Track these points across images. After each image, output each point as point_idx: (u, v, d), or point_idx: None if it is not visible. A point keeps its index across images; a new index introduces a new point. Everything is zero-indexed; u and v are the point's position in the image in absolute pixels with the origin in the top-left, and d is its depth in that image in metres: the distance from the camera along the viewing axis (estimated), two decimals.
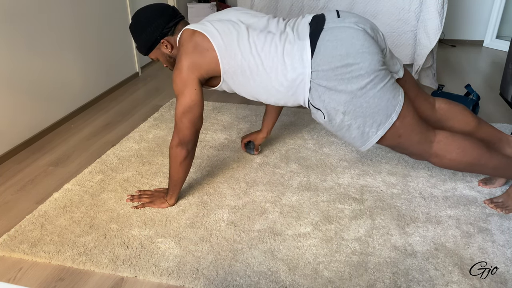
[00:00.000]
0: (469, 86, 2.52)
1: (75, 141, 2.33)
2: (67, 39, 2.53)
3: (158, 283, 1.36)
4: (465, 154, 1.48)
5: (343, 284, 1.32)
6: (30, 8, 2.22)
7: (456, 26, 4.05)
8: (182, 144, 1.56)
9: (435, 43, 2.50)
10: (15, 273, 1.42)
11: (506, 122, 2.38)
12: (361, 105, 1.39)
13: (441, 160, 1.50)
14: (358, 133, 1.46)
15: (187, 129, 1.54)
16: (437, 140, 1.48)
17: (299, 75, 1.42)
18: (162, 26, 1.57)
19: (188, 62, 1.49)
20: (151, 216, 1.65)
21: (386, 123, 1.42)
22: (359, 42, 1.36)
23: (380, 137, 1.45)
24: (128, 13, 3.17)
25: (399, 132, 1.45)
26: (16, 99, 2.17)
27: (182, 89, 1.51)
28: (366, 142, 1.47)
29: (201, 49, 1.48)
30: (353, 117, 1.41)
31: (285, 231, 1.55)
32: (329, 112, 1.43)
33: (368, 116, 1.41)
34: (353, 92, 1.37)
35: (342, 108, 1.40)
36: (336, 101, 1.40)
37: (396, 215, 1.62)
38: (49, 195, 1.83)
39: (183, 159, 1.59)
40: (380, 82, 1.38)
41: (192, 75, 1.50)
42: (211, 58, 1.48)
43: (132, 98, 2.92)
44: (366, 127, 1.43)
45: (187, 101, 1.51)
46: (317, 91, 1.42)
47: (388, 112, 1.40)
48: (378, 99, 1.38)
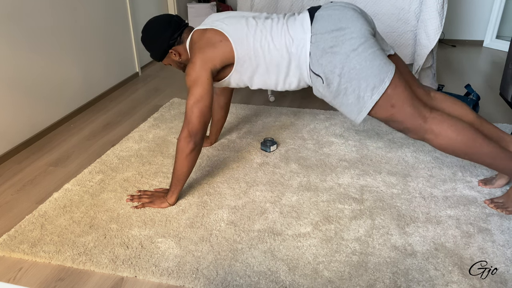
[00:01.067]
0: (469, 86, 2.52)
1: (75, 141, 2.33)
2: (67, 39, 2.53)
3: (158, 283, 1.36)
4: (460, 133, 1.51)
5: (343, 284, 1.32)
6: (30, 8, 2.22)
7: (456, 26, 4.05)
8: (191, 135, 1.60)
9: (435, 43, 2.50)
10: (15, 273, 1.42)
11: (506, 122, 2.38)
12: (355, 66, 1.49)
13: (436, 137, 1.52)
14: (354, 98, 1.53)
15: (197, 119, 1.59)
16: (432, 116, 1.53)
17: (301, 41, 1.58)
18: (168, 38, 1.72)
19: (201, 56, 1.61)
20: (151, 216, 1.65)
21: (380, 87, 1.49)
22: (350, 12, 1.54)
23: (375, 101, 1.50)
24: (128, 13, 3.17)
25: (392, 101, 1.50)
26: (16, 99, 2.17)
27: (195, 80, 1.60)
28: (362, 108, 1.53)
29: (213, 42, 1.62)
30: (348, 79, 1.51)
31: (285, 231, 1.56)
32: (327, 76, 1.54)
33: (362, 79, 1.49)
34: (346, 53, 1.49)
35: (338, 70, 1.51)
36: (332, 63, 1.52)
37: (396, 215, 1.62)
38: (49, 195, 1.83)
39: (190, 151, 1.61)
40: (371, 47, 1.50)
41: (205, 66, 1.61)
42: (225, 47, 1.61)
43: (132, 98, 2.92)
44: (361, 91, 1.51)
45: (198, 90, 1.59)
46: (316, 55, 1.55)
47: (381, 76, 1.49)
48: (370, 62, 1.49)
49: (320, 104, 2.70)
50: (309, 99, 2.81)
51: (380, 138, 2.22)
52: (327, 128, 2.35)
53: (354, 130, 2.31)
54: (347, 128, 2.34)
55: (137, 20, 3.40)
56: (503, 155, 1.53)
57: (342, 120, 2.44)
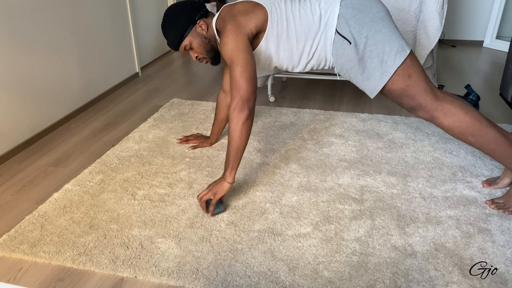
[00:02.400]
0: (469, 86, 2.52)
1: (75, 141, 2.33)
2: (67, 39, 2.53)
3: (158, 284, 1.36)
4: (468, 113, 1.56)
5: (343, 284, 1.32)
6: (30, 8, 2.22)
7: (456, 26, 4.05)
8: (243, 102, 1.55)
9: (435, 43, 2.50)
10: (15, 274, 1.42)
11: (506, 122, 2.38)
12: (381, 30, 1.58)
13: (446, 115, 1.57)
14: (378, 62, 1.59)
15: (248, 85, 1.57)
16: (442, 95, 1.60)
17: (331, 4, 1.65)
18: (198, 9, 1.75)
19: (235, 23, 1.63)
20: (151, 216, 1.65)
21: (402, 53, 1.57)
22: None
23: (397, 66, 1.56)
24: (128, 13, 3.17)
25: (409, 71, 1.57)
26: (16, 99, 2.17)
27: (234, 48, 1.59)
28: (384, 73, 1.59)
29: (246, 9, 1.67)
30: (374, 42, 1.58)
31: (285, 231, 1.56)
32: (354, 37, 1.60)
33: (386, 43, 1.57)
34: (373, 18, 1.59)
35: (365, 31, 1.58)
36: (360, 24, 1.59)
37: (396, 216, 1.62)
38: (49, 195, 1.83)
39: (246, 118, 1.56)
40: (392, 22, 1.63)
41: (242, 31, 1.62)
42: (258, 12, 1.66)
43: (132, 98, 2.92)
44: (385, 54, 1.57)
45: (242, 56, 1.59)
46: (344, 16, 1.62)
47: (402, 44, 1.58)
48: (392, 30, 1.60)
49: (320, 104, 2.71)
50: (309, 99, 2.81)
51: (380, 138, 2.22)
52: (327, 128, 2.35)
53: (354, 130, 2.31)
54: (347, 128, 2.34)
55: (137, 20, 3.40)
56: (506, 142, 1.56)
57: (342, 120, 2.44)
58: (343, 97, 2.83)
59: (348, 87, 3.03)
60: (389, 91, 1.62)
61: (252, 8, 1.67)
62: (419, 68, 1.59)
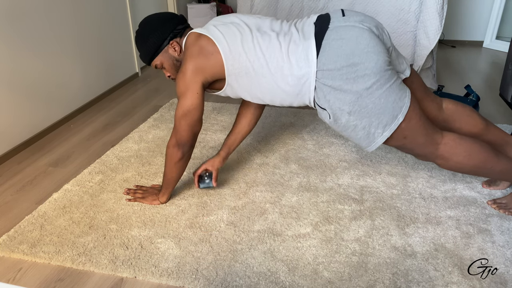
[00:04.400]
0: (469, 86, 2.52)
1: (75, 141, 2.33)
2: (67, 40, 2.53)
3: (158, 284, 1.36)
4: (472, 158, 1.47)
5: (343, 284, 1.32)
6: (30, 8, 2.22)
7: (456, 26, 4.05)
8: (179, 145, 1.57)
9: (435, 43, 2.50)
10: (15, 274, 1.41)
11: (506, 122, 2.38)
12: (367, 105, 1.38)
13: (447, 162, 1.50)
14: (364, 134, 1.45)
15: (185, 132, 1.55)
16: (443, 142, 1.47)
17: (304, 74, 1.42)
18: (173, 27, 1.58)
19: (192, 65, 1.50)
20: (150, 216, 1.65)
21: (392, 125, 1.40)
22: (364, 41, 1.35)
23: (386, 138, 1.44)
24: (128, 13, 3.17)
25: (404, 133, 1.44)
26: (16, 99, 2.17)
27: (184, 92, 1.52)
28: (372, 143, 1.46)
29: (206, 52, 1.50)
30: (358, 117, 1.41)
31: (285, 232, 1.55)
32: (334, 112, 1.43)
33: (373, 117, 1.39)
34: (358, 92, 1.36)
35: (347, 108, 1.39)
36: (341, 101, 1.39)
37: (396, 216, 1.62)
38: (49, 195, 1.83)
39: (177, 160, 1.60)
40: (386, 83, 1.36)
41: (196, 78, 1.50)
42: (216, 61, 1.49)
43: (132, 99, 2.92)
44: (372, 127, 1.42)
45: (187, 104, 1.52)
46: (322, 90, 1.41)
47: (394, 113, 1.39)
48: (384, 100, 1.37)
49: None
50: None
51: None
52: (327, 128, 2.35)
53: None
54: None
55: (137, 20, 3.40)
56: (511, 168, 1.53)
57: None
58: None
59: None
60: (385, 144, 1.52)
61: (210, 54, 1.49)
62: (416, 125, 1.42)
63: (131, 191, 1.79)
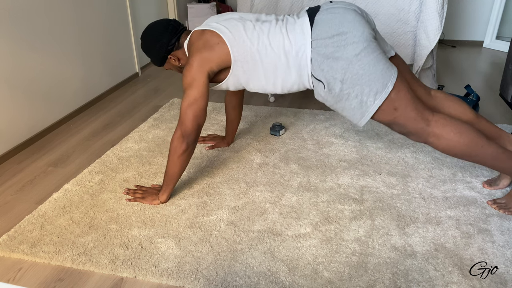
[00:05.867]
0: (469, 86, 2.52)
1: (75, 141, 2.33)
2: (68, 39, 2.53)
3: (158, 284, 1.36)
4: (463, 136, 1.51)
5: (343, 284, 1.32)
6: (30, 8, 2.22)
7: (456, 26, 4.05)
8: (184, 136, 1.60)
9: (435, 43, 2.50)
10: (15, 274, 1.41)
11: (506, 122, 2.38)
12: (357, 72, 1.47)
13: (438, 139, 1.52)
14: (357, 103, 1.51)
15: (190, 122, 1.59)
16: (434, 119, 1.52)
17: (301, 46, 1.55)
18: (166, 44, 1.72)
19: (198, 58, 1.60)
20: (150, 216, 1.65)
21: (382, 92, 1.48)
22: (351, 15, 1.51)
23: (377, 106, 1.49)
24: (128, 13, 3.17)
25: (395, 104, 1.50)
26: (16, 99, 2.17)
27: (190, 83, 1.60)
28: (365, 113, 1.52)
29: (211, 44, 1.60)
30: (350, 85, 1.49)
31: (285, 232, 1.55)
32: (328, 81, 1.52)
33: (365, 84, 1.48)
34: (349, 58, 1.47)
35: (339, 75, 1.49)
36: (334, 68, 1.50)
37: (396, 216, 1.62)
38: (49, 195, 1.83)
39: (182, 152, 1.62)
40: (374, 51, 1.48)
41: (202, 69, 1.60)
42: (222, 50, 1.60)
43: (132, 98, 2.92)
44: (364, 95, 1.49)
45: (193, 93, 1.59)
46: (317, 60, 1.52)
47: (384, 81, 1.47)
48: (373, 67, 1.47)
49: (320, 105, 2.70)
50: (309, 99, 2.81)
51: (380, 139, 2.22)
52: (327, 128, 2.35)
53: (354, 131, 2.31)
54: (347, 128, 2.34)
55: (137, 20, 3.40)
56: (504, 155, 1.53)
57: (342, 120, 2.44)
58: None
59: None
60: (377, 120, 1.57)
61: (216, 43, 1.60)
62: (406, 97, 1.49)
63: (131, 191, 1.80)
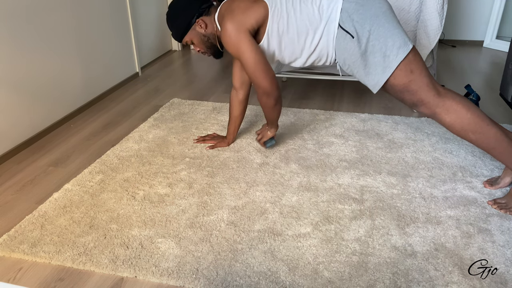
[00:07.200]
0: (469, 86, 2.52)
1: (75, 141, 2.33)
2: (68, 39, 2.53)
3: (158, 283, 1.36)
4: (470, 110, 1.55)
5: (343, 284, 1.32)
6: (30, 8, 2.22)
7: (456, 26, 4.05)
8: (268, 94, 1.73)
9: (435, 43, 2.50)
10: (15, 273, 1.42)
11: (506, 122, 2.38)
12: (383, 24, 1.58)
13: (447, 111, 1.57)
14: (381, 56, 1.58)
15: (264, 80, 1.70)
16: (444, 91, 1.59)
17: None
18: (198, 6, 1.78)
19: (233, 23, 1.66)
20: (151, 216, 1.65)
21: (405, 47, 1.56)
22: None
23: (399, 61, 1.55)
24: (128, 13, 3.17)
25: (411, 66, 1.57)
26: (16, 99, 2.17)
27: (237, 49, 1.68)
28: (387, 68, 1.58)
29: (244, 7, 1.68)
30: (377, 36, 1.58)
31: (285, 231, 1.56)
32: (357, 31, 1.60)
33: (389, 37, 1.57)
34: (376, 12, 1.59)
35: (368, 25, 1.58)
36: (363, 18, 1.59)
37: (396, 216, 1.62)
38: (49, 195, 1.83)
39: (273, 105, 1.78)
40: (394, 16, 1.62)
41: (241, 28, 1.67)
42: (259, 8, 1.68)
43: (132, 98, 2.92)
44: (388, 49, 1.57)
45: (248, 54, 1.68)
46: (347, 10, 1.61)
47: (405, 39, 1.58)
48: (395, 24, 1.59)
49: (320, 104, 2.70)
50: (309, 99, 2.81)
51: (380, 139, 2.22)
52: (327, 128, 2.35)
53: (354, 131, 2.31)
54: (347, 128, 2.34)
55: (137, 20, 3.40)
56: (507, 141, 1.56)
57: (342, 120, 2.44)
58: (343, 97, 2.83)
59: (348, 87, 3.03)
60: (391, 86, 1.62)
61: (251, 4, 1.68)
62: (421, 63, 1.59)
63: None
